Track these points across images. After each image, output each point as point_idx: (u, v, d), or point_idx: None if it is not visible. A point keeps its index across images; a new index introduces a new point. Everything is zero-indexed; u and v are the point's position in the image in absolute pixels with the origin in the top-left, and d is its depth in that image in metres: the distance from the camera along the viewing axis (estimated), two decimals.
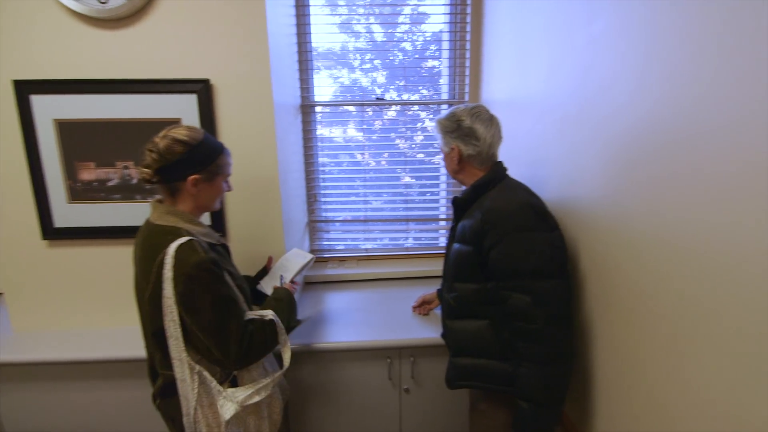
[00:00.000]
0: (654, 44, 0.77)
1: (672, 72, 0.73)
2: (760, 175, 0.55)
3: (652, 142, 0.78)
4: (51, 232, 1.42)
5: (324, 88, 1.95)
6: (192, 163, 0.97)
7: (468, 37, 1.84)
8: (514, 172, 1.17)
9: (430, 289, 1.72)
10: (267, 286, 1.27)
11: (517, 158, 1.45)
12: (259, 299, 1.23)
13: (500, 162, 1.13)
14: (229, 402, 0.98)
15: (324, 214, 2.02)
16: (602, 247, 0.98)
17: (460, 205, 1.12)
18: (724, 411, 0.65)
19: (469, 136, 1.09)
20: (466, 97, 1.90)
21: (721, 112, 0.63)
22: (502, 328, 1.04)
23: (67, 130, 1.35)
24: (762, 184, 0.55)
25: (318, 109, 1.91)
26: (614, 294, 0.94)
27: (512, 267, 0.98)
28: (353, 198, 2.02)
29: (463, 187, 1.18)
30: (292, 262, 1.24)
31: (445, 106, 1.94)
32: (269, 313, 1.04)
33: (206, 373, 0.97)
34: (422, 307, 1.61)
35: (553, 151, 1.22)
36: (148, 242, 0.96)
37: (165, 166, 0.95)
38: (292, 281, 1.23)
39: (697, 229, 0.68)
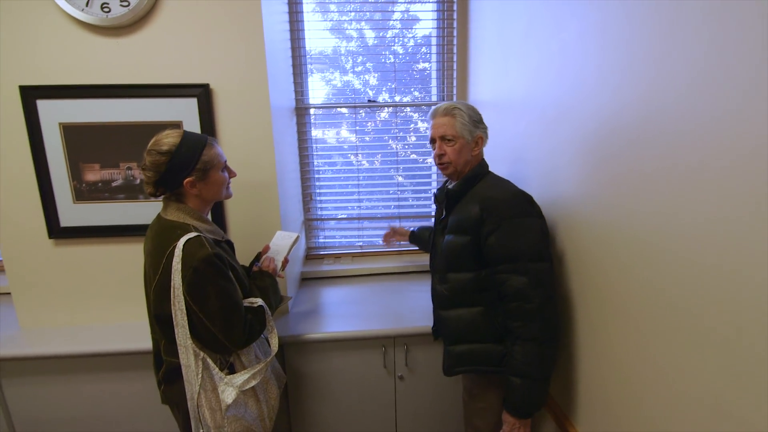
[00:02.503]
0: (618, 50, 0.85)
1: (636, 75, 0.81)
2: (722, 172, 0.61)
3: (619, 141, 0.87)
4: (57, 232, 1.47)
5: (317, 90, 2.02)
6: (178, 169, 1.00)
7: (455, 41, 1.92)
8: (498, 169, 1.25)
9: (424, 284, 1.80)
10: None
11: (502, 156, 1.53)
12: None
13: (484, 158, 1.22)
14: (230, 387, 1.05)
15: (319, 212, 2.09)
16: (578, 240, 1.06)
17: (453, 198, 1.17)
18: (685, 391, 0.72)
19: (487, 128, 1.19)
20: (454, 98, 1.98)
21: (684, 111, 0.71)
22: (495, 312, 1.11)
23: (72, 133, 1.41)
24: (723, 179, 0.61)
25: (312, 111, 1.98)
26: (589, 283, 1.02)
27: (510, 251, 1.04)
28: (347, 197, 2.09)
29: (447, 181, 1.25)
30: (281, 245, 1.33)
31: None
32: (258, 301, 1.11)
33: (209, 360, 1.04)
34: (390, 236, 1.77)
35: (534, 150, 1.30)
36: (158, 236, 1.02)
37: (159, 179, 1.00)
38: (285, 259, 1.32)
39: (662, 222, 0.75)
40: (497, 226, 1.05)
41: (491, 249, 1.06)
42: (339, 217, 2.11)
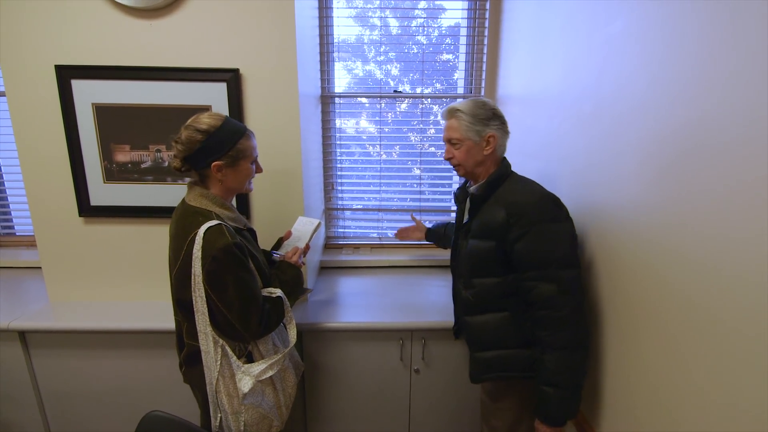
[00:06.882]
0: (670, 45, 0.81)
1: (687, 72, 0.77)
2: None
3: (666, 142, 0.83)
4: (87, 210, 1.50)
5: (339, 79, 2.00)
6: (211, 151, 1.00)
7: (486, 32, 1.87)
8: (527, 166, 1.22)
9: (443, 279, 1.78)
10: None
11: (531, 153, 1.50)
12: (273, 266, 1.29)
13: (505, 156, 1.18)
14: (247, 376, 1.06)
15: (340, 202, 2.09)
16: (611, 244, 1.03)
17: (476, 202, 1.14)
18: (724, 410, 0.69)
19: (504, 124, 1.13)
20: (482, 92, 1.94)
21: (735, 113, 0.67)
22: (523, 318, 1.09)
23: (104, 113, 1.43)
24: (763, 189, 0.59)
25: (337, 100, 1.97)
26: (620, 290, 0.99)
27: (539, 257, 1.01)
28: (368, 188, 2.08)
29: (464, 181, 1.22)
30: (303, 231, 1.33)
31: (460, 100, 1.98)
32: (277, 291, 1.11)
33: (228, 348, 1.04)
34: (404, 233, 1.76)
35: (567, 148, 1.27)
36: (182, 221, 1.03)
37: (189, 156, 1.00)
38: (306, 246, 1.30)
39: (703, 231, 0.72)
40: (525, 232, 1.02)
41: (519, 255, 1.03)
42: (359, 207, 2.11)
